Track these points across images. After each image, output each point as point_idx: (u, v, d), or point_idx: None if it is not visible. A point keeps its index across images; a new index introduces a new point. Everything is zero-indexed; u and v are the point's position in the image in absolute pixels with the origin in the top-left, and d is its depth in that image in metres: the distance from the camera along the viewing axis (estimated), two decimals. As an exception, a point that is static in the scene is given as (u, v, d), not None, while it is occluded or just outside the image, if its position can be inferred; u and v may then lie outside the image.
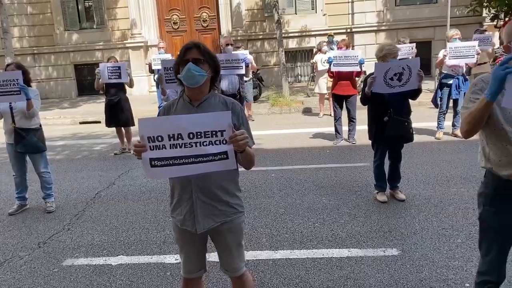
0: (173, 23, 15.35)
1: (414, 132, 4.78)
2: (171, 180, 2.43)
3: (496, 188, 2.30)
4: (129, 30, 15.08)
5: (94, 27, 15.67)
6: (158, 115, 2.47)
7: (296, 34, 14.85)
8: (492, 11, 13.38)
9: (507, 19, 13.24)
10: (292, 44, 15.00)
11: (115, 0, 15.21)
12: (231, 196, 2.41)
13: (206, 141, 2.16)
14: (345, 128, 7.45)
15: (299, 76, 15.46)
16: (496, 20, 13.61)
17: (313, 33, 14.65)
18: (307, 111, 10.92)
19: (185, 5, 15.19)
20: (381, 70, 4.37)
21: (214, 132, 2.15)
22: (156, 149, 2.18)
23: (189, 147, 2.17)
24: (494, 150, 2.26)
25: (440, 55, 6.89)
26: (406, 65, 4.39)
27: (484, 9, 13.83)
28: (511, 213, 2.27)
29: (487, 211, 2.36)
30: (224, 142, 2.16)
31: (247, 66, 6.76)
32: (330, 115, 9.13)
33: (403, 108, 4.60)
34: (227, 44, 6.79)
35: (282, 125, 9.36)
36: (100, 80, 7.25)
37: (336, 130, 7.43)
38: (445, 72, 6.94)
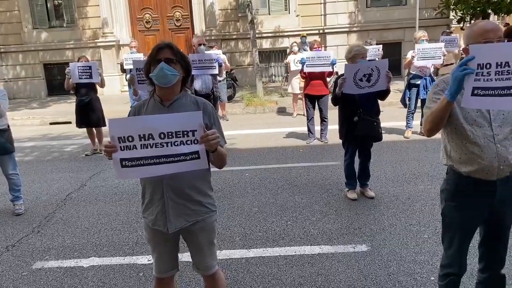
0: (146, 22, 15.17)
1: (383, 132, 4.91)
2: (142, 180, 2.44)
3: (457, 185, 2.41)
4: (101, 29, 14.82)
5: (64, 25, 15.33)
6: (128, 115, 2.47)
7: (270, 35, 14.93)
8: (459, 13, 13.83)
9: (473, 21, 13.73)
10: (266, 44, 15.07)
11: (85, -2, 14.93)
12: (203, 195, 2.43)
13: (177, 141, 2.18)
14: (317, 127, 7.56)
15: (273, 76, 15.55)
16: (462, 23, 14.06)
17: (286, 33, 14.77)
18: (281, 111, 11.01)
19: (158, 4, 15.04)
20: (351, 72, 4.47)
21: (185, 132, 2.17)
22: (126, 150, 2.19)
23: (160, 147, 2.18)
24: (455, 148, 2.37)
25: (409, 56, 7.10)
26: (375, 66, 4.51)
27: (451, 11, 14.29)
28: (471, 208, 2.38)
29: (449, 207, 2.47)
30: (196, 142, 2.18)
31: (220, 66, 6.79)
32: (304, 114, 9.24)
33: (372, 109, 4.72)
34: (200, 44, 6.80)
35: (256, 125, 9.41)
36: (71, 80, 7.12)
37: (309, 129, 7.53)
38: (413, 73, 7.15)
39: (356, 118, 4.61)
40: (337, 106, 4.90)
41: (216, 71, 6.70)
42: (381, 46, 9.47)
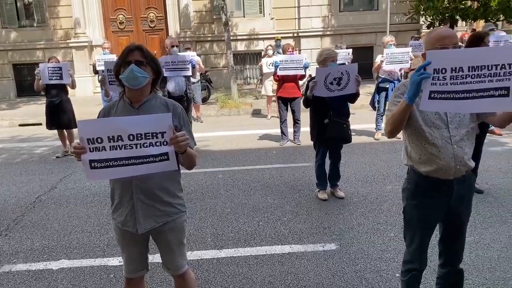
0: (119, 23, 15.02)
1: (354, 134, 5.04)
2: (111, 182, 2.45)
3: (417, 184, 2.52)
4: (73, 29, 14.58)
5: (35, 25, 15.00)
6: (98, 117, 2.48)
7: (245, 37, 15.02)
8: (429, 19, 14.25)
9: (442, 26, 14.18)
10: (241, 46, 15.15)
11: (57, -3, 14.67)
12: (173, 196, 2.46)
13: (146, 143, 2.21)
14: (290, 129, 7.67)
15: (249, 79, 15.63)
16: (432, 28, 14.52)
17: (261, 36, 14.89)
18: (255, 113, 11.09)
19: (131, 5, 14.91)
20: (322, 75, 4.59)
21: (154, 134, 2.21)
22: (96, 151, 2.21)
23: (129, 148, 2.21)
24: (415, 148, 2.48)
25: (377, 60, 7.30)
26: (345, 70, 4.63)
27: (421, 17, 14.71)
28: (430, 207, 2.50)
29: (409, 205, 2.58)
30: (165, 143, 2.22)
31: (193, 67, 6.80)
32: (277, 117, 9.33)
33: (342, 111, 4.84)
34: (173, 46, 6.79)
35: (230, 127, 9.45)
36: (41, 81, 7.00)
37: (282, 131, 7.63)
38: (382, 76, 7.35)
39: (327, 121, 4.72)
40: (309, 109, 5.00)
41: (189, 73, 6.71)
42: (351, 50, 9.68)
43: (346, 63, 9.06)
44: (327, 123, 4.72)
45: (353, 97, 4.81)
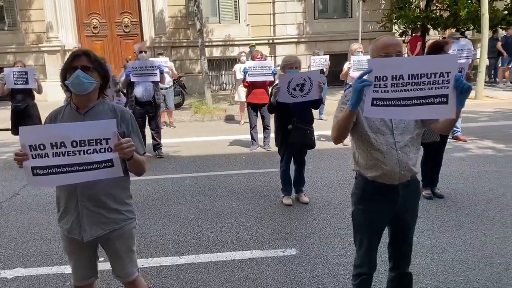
0: (93, 27, 14.84)
1: (323, 139, 5.09)
2: (57, 189, 2.42)
3: (364, 189, 2.57)
4: (45, 33, 14.34)
5: (5, 28, 14.69)
6: (44, 122, 2.45)
7: (220, 43, 15.04)
8: (401, 27, 14.58)
9: (414, 34, 14.51)
10: (217, 52, 15.16)
11: (29, 1, 14.40)
12: (121, 203, 2.44)
13: (90, 149, 2.19)
14: (260, 135, 7.70)
15: (224, 84, 15.64)
16: (404, 36, 14.84)
17: (236, 42, 14.93)
18: (229, 119, 11.09)
19: (106, 9, 14.77)
20: (285, 81, 4.63)
21: (98, 140, 2.19)
22: (38, 158, 2.18)
23: (73, 155, 2.19)
24: (361, 154, 2.53)
25: (345, 67, 7.41)
26: (307, 76, 4.68)
27: (393, 25, 15.02)
28: (377, 211, 2.55)
29: (357, 210, 2.62)
30: (109, 150, 2.20)
31: (161, 73, 6.78)
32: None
33: (306, 117, 4.89)
34: (141, 51, 6.76)
35: (203, 133, 9.43)
36: (5, 85, 6.86)
37: (252, 137, 7.66)
38: (350, 83, 7.44)
39: (290, 126, 4.76)
40: (273, 115, 5.04)
41: (157, 79, 6.68)
42: (328, 56, 9.81)
43: (324, 69, 9.27)
44: (290, 129, 4.76)
45: (316, 103, 4.87)
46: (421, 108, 2.21)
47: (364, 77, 2.20)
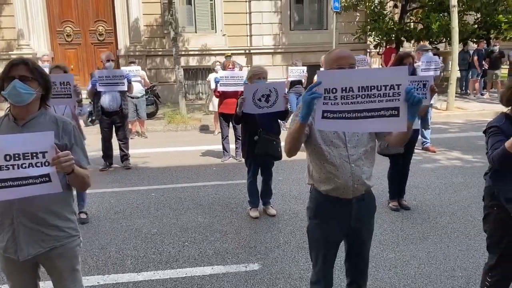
0: (67, 35, 14.57)
1: (282, 150, 5.02)
2: (-9, 205, 2.27)
3: (318, 203, 2.51)
4: (16, 41, 14.00)
5: (-25, 35, 14.30)
6: None
7: (197, 52, 14.95)
8: (376, 39, 14.77)
9: (388, 46, 14.72)
10: (193, 62, 15.06)
11: (-1, 7, 14.07)
12: (63, 220, 2.31)
13: (25, 163, 2.06)
14: (232, 146, 7.60)
15: (200, 94, 15.52)
16: (379, 48, 15.05)
17: (213, 52, 14.85)
18: (204, 129, 10.97)
19: (80, 17, 14.52)
20: (250, 91, 4.57)
21: (34, 154, 2.06)
22: (-33, 173, 2.04)
23: (6, 170, 2.05)
24: (315, 167, 2.47)
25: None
26: (273, 87, 4.63)
27: (368, 37, 15.22)
28: (331, 226, 2.48)
29: (312, 224, 2.56)
30: (46, 164, 2.08)
31: (129, 82, 6.64)
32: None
33: (272, 128, 4.82)
34: (108, 60, 6.62)
35: (175, 143, 9.28)
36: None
37: (223, 148, 7.56)
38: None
39: (256, 137, 4.69)
40: (240, 126, 4.97)
41: (124, 88, 6.54)
42: (305, 68, 9.82)
43: (303, 80, 9.32)
44: (256, 140, 4.68)
45: (283, 114, 4.82)
46: (372, 120, 2.16)
47: (314, 89, 2.13)
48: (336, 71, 2.26)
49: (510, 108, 2.71)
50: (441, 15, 13.61)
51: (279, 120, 5.01)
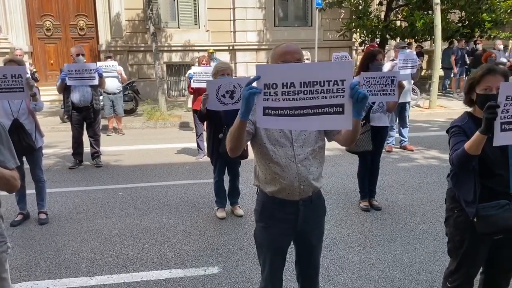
0: (46, 29, 14.24)
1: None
2: None
3: (264, 205, 2.37)
4: (-7, 35, 13.66)
5: (-50, 29, 13.92)
6: None
7: (180, 48, 14.72)
8: (362, 36, 14.67)
9: (371, 44, 14.63)
10: (176, 58, 14.84)
11: (-24, 0, 13.70)
12: (-13, 224, 2.14)
13: None
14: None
15: (183, 90, 15.29)
16: (363, 45, 14.95)
17: (196, 48, 14.64)
18: (184, 126, 10.78)
19: (60, 11, 14.21)
20: (213, 87, 4.39)
21: None
22: None
23: None
24: (261, 168, 2.33)
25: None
26: (237, 83, 4.45)
27: (353, 34, 15.13)
28: (277, 229, 2.34)
29: (258, 227, 2.42)
30: None
31: (100, 77, 6.44)
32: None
33: (239, 126, 4.66)
34: (78, 54, 6.41)
35: (152, 140, 9.08)
36: None
37: (198, 145, 7.39)
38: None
39: (221, 135, 4.53)
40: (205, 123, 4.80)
41: (96, 82, 6.34)
42: None
43: None
44: (221, 138, 4.52)
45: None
46: (315, 118, 2.02)
47: (253, 84, 1.98)
48: (275, 65, 2.12)
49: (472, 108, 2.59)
50: (426, 13, 13.55)
51: None
